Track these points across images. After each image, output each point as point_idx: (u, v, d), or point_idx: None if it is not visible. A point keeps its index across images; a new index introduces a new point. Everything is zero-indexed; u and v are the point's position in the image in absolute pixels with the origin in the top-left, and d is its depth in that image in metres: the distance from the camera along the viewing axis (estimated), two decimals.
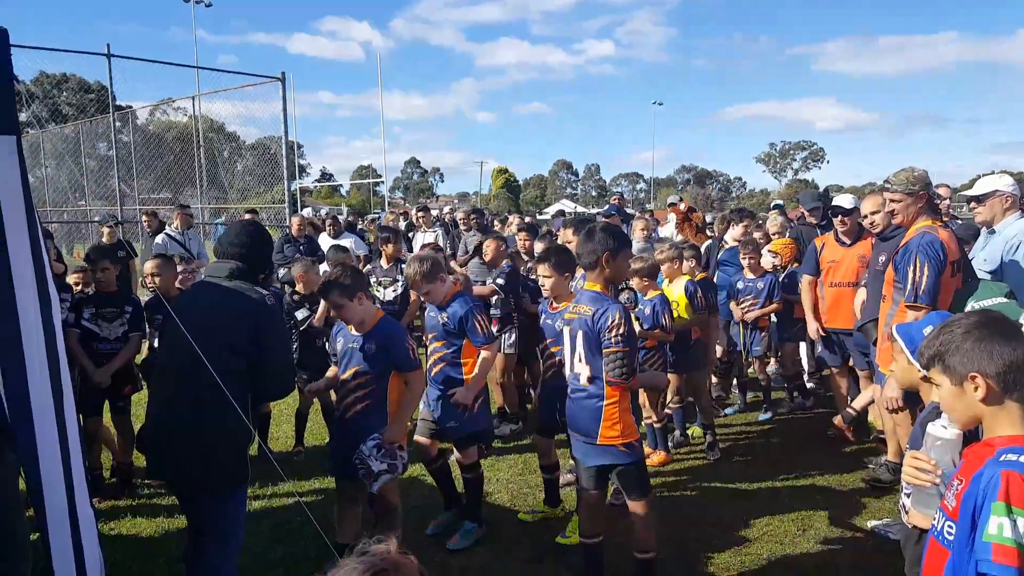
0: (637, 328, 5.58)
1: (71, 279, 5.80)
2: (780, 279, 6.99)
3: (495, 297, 6.71)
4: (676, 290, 6.00)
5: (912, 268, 4.18)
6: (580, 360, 3.72)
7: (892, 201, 4.46)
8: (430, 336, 4.72)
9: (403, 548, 1.50)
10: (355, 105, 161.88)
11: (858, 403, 5.20)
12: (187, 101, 15.71)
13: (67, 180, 17.66)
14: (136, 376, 5.47)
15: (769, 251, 7.27)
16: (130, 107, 17.33)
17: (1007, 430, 1.86)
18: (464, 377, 4.57)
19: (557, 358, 4.44)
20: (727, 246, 7.89)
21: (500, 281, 6.71)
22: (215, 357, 3.00)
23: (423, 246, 8.77)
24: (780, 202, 16.94)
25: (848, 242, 6.00)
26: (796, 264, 7.11)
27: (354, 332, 3.94)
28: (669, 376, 5.95)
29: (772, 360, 7.58)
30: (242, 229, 3.54)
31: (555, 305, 4.69)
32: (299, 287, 6.13)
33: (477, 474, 4.68)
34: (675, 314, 5.90)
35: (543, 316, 4.85)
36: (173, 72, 13.73)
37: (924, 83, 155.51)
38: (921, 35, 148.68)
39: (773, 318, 7.09)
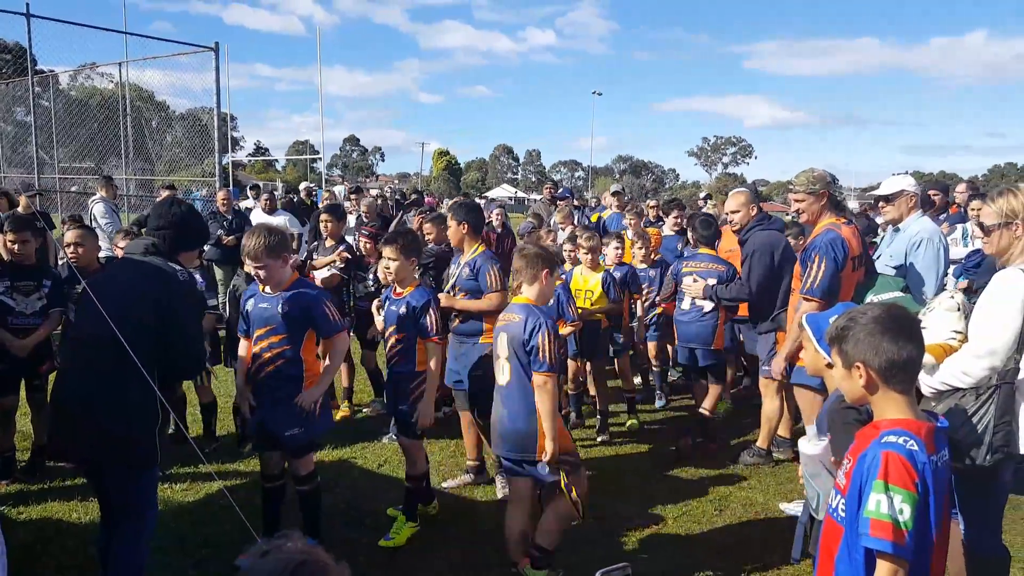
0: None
1: None
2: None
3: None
4: (592, 279, 6.14)
5: (812, 263, 4.49)
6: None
7: (796, 201, 4.76)
8: (261, 332, 3.88)
9: (304, 540, 1.49)
10: (295, 79, 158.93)
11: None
12: (113, 67, 15.03)
13: None
14: (54, 353, 5.23)
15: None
16: (51, 71, 16.48)
17: (892, 414, 2.00)
18: (303, 375, 3.90)
19: (400, 346, 4.34)
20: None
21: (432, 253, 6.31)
22: (124, 333, 2.94)
23: (363, 227, 8.60)
24: (707, 193, 17.45)
25: None
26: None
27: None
28: (569, 362, 6.21)
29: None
30: (166, 206, 3.53)
31: (399, 291, 4.40)
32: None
33: (316, 484, 4.07)
34: (588, 303, 6.02)
35: (386, 303, 4.47)
36: (99, 36, 13.05)
37: (846, 85, 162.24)
38: (844, 39, 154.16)
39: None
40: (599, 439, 6.17)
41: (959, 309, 3.18)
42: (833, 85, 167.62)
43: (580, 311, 5.89)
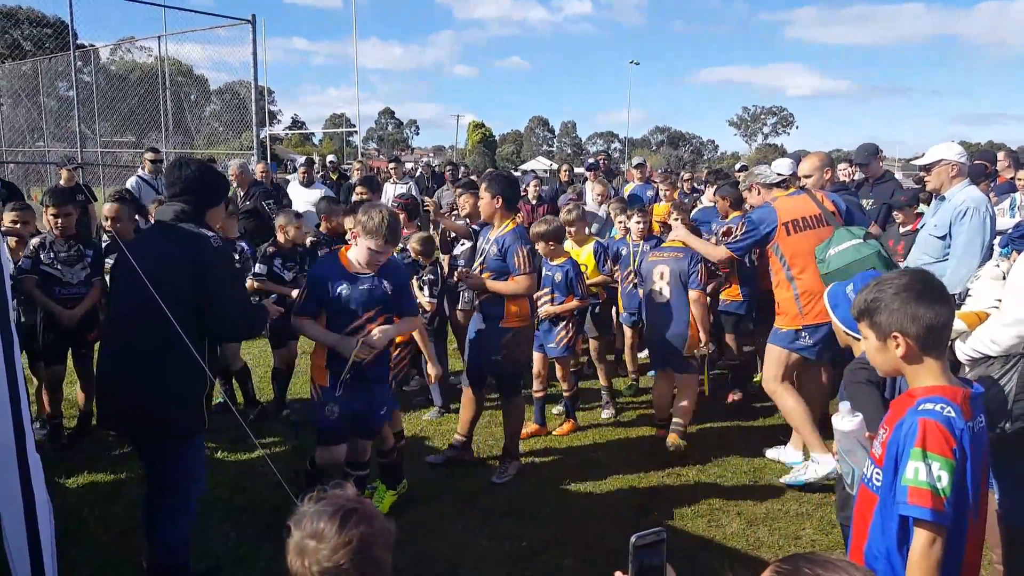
0: (546, 297, 5.49)
1: (8, 217, 5.33)
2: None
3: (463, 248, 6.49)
4: (584, 252, 6.05)
5: (738, 227, 5.03)
6: None
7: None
8: (371, 314, 3.82)
9: (356, 492, 1.58)
10: (331, 53, 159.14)
11: None
12: (152, 41, 15.19)
13: (24, 120, 17.07)
14: (101, 322, 5.36)
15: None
16: (92, 46, 16.72)
17: (927, 381, 1.96)
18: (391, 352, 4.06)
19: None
20: (700, 206, 7.99)
21: (477, 227, 6.23)
22: (163, 303, 2.92)
23: (395, 197, 8.60)
24: (745, 164, 17.19)
25: None
26: None
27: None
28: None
29: None
30: (185, 166, 3.34)
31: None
32: (280, 238, 5.79)
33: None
34: (584, 277, 5.84)
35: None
36: (138, 10, 13.15)
37: (890, 53, 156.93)
38: (889, 5, 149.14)
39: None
40: (604, 415, 6.04)
41: (1004, 278, 3.12)
42: (877, 53, 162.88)
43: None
